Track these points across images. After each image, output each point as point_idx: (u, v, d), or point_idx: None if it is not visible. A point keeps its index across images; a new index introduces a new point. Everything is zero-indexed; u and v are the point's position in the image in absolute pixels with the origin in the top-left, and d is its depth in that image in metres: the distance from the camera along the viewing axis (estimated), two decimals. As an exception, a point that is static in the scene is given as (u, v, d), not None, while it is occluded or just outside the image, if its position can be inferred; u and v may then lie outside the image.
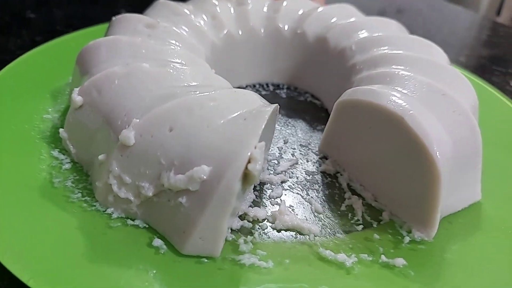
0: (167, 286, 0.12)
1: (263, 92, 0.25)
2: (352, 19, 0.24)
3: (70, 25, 0.33)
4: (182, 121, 0.14)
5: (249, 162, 0.13)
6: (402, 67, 0.19)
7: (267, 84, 0.26)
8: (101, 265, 0.13)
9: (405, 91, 0.17)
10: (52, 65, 0.23)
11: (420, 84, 0.17)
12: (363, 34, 0.23)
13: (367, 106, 0.16)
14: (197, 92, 0.15)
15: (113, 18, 0.21)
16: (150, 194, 0.14)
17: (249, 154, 0.13)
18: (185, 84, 0.16)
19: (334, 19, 0.25)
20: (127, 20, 0.21)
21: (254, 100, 0.16)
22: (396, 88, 0.17)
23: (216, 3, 0.24)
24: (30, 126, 0.19)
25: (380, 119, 0.16)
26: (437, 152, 0.14)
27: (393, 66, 0.19)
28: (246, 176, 0.13)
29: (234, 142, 0.13)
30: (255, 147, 0.13)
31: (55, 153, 0.17)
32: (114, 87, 0.15)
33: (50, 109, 0.20)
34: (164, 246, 0.13)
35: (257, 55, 0.25)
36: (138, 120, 0.14)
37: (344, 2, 0.26)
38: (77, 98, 0.16)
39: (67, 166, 0.17)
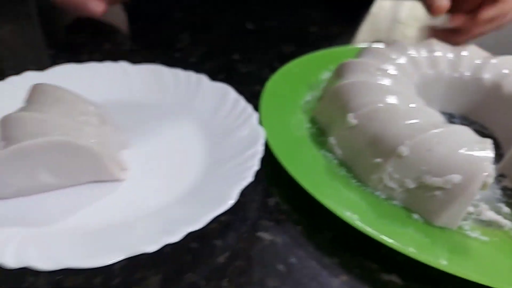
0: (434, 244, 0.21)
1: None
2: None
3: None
4: (435, 145, 0.22)
5: (488, 176, 0.21)
6: None
7: (443, 112, 0.34)
8: (385, 223, 0.21)
9: None
10: (301, 82, 0.33)
11: None
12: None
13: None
14: (439, 124, 0.23)
15: (342, 64, 0.30)
16: (411, 187, 0.22)
17: (487, 172, 0.21)
18: (426, 119, 0.24)
19: (507, 70, 0.31)
20: (359, 64, 0.30)
21: (471, 133, 0.24)
22: None
23: (413, 51, 0.32)
24: (301, 133, 0.28)
25: None
26: None
27: None
28: (484, 185, 0.21)
29: (479, 163, 0.21)
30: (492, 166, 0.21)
31: (323, 152, 0.27)
32: (381, 118, 0.24)
33: (305, 124, 0.30)
34: (421, 219, 0.22)
35: (440, 91, 0.33)
36: (408, 142, 0.22)
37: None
38: (353, 121, 0.25)
39: (335, 162, 0.26)
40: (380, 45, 0.32)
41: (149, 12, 0.50)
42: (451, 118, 0.33)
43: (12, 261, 0.17)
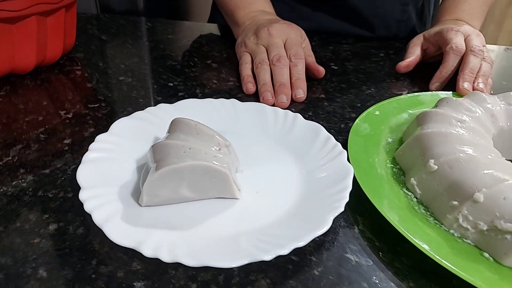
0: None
1: None
2: None
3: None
4: (510, 194, 0.25)
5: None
6: None
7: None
8: (457, 257, 0.25)
9: None
10: (383, 124, 0.37)
11: None
12: None
13: None
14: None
15: (424, 113, 0.34)
16: (484, 229, 0.25)
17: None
18: (505, 170, 0.27)
19: None
20: (439, 115, 0.33)
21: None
22: None
23: (491, 103, 0.35)
24: (384, 171, 0.32)
25: None
26: None
27: None
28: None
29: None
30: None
31: (404, 190, 0.30)
32: (462, 166, 0.27)
33: (388, 163, 0.34)
34: (491, 258, 0.25)
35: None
36: (485, 190, 0.25)
37: None
38: (434, 166, 0.28)
39: (415, 200, 0.30)
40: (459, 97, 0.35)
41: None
42: (526, 167, 0.35)
43: (167, 257, 0.23)
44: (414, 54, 0.52)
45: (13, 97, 0.42)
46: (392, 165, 0.33)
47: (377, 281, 0.25)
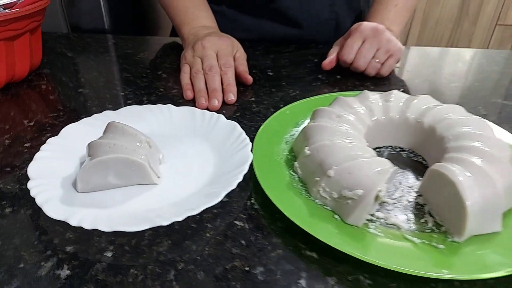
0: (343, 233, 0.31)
1: (393, 152, 0.43)
2: (456, 117, 0.40)
3: None
4: (354, 170, 0.32)
5: (380, 191, 0.31)
6: (475, 157, 0.34)
7: (395, 147, 0.43)
8: (315, 220, 0.32)
9: (467, 173, 0.32)
10: (291, 121, 0.45)
11: (478, 169, 0.32)
12: (459, 129, 0.38)
13: (442, 175, 0.32)
14: (364, 155, 0.33)
15: (315, 110, 0.41)
16: (335, 197, 0.33)
17: (379, 188, 0.30)
18: (358, 152, 0.34)
19: (444, 115, 0.40)
20: (325, 111, 0.41)
21: (387, 163, 0.33)
22: (463, 169, 0.32)
23: (372, 100, 0.42)
24: (279, 158, 0.40)
25: (448, 183, 0.32)
26: (469, 204, 0.30)
27: (469, 156, 0.34)
28: (377, 197, 0.31)
29: (375, 182, 0.31)
30: (384, 185, 0.31)
31: (290, 172, 0.38)
32: (325, 150, 0.35)
33: (284, 152, 0.41)
34: (339, 218, 0.32)
35: (392, 132, 0.42)
36: (335, 167, 0.33)
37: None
38: (307, 152, 0.36)
39: (297, 179, 0.37)
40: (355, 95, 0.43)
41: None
42: (401, 151, 0.43)
43: (88, 225, 0.30)
44: (335, 52, 0.60)
45: (-14, 110, 0.50)
46: (288, 153, 0.41)
47: (252, 239, 0.32)
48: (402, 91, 0.45)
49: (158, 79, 0.59)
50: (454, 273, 0.28)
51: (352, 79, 0.59)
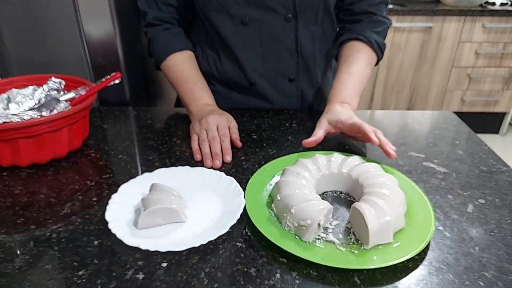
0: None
1: (334, 194, 0.65)
2: (373, 172, 0.62)
3: None
4: (305, 208, 0.55)
5: (320, 221, 0.53)
6: (379, 199, 0.56)
7: (335, 191, 0.66)
8: (283, 239, 0.54)
9: (372, 209, 0.54)
10: (271, 174, 0.67)
11: (378, 207, 0.55)
12: (373, 180, 0.61)
13: (358, 210, 0.55)
14: (313, 199, 0.56)
15: (284, 169, 0.64)
16: (296, 225, 0.55)
17: (320, 219, 0.53)
18: (309, 197, 0.57)
19: (365, 170, 0.63)
20: (290, 170, 0.63)
21: (326, 203, 0.56)
22: (369, 207, 0.55)
23: (320, 161, 0.65)
24: (262, 201, 0.62)
25: (360, 215, 0.54)
26: (371, 226, 0.52)
27: (375, 198, 0.57)
28: (319, 225, 0.53)
29: (317, 216, 0.53)
30: (323, 217, 0.53)
31: (269, 210, 0.60)
32: (289, 197, 0.57)
33: (265, 197, 0.63)
34: (298, 238, 0.54)
35: (333, 181, 0.65)
36: (295, 207, 0.55)
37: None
38: (279, 198, 0.58)
39: (273, 215, 0.59)
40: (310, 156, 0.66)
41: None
42: (340, 193, 0.65)
43: (151, 248, 0.51)
44: (317, 135, 0.74)
45: (57, 174, 0.71)
46: (267, 198, 0.63)
47: (247, 253, 0.53)
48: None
49: (174, 145, 0.81)
50: (362, 266, 0.50)
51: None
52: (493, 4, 2.79)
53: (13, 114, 0.65)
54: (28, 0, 0.92)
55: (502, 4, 2.79)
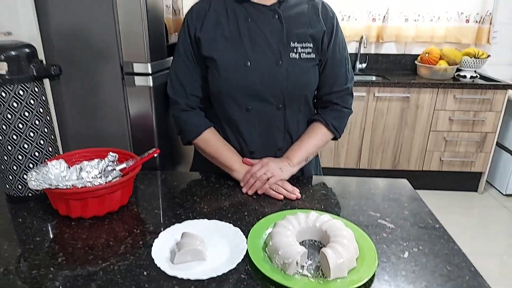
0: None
1: (310, 242, 0.90)
2: (338, 226, 0.88)
3: None
4: (288, 250, 0.80)
5: (298, 260, 0.78)
6: (338, 245, 0.82)
7: (311, 240, 0.91)
8: (273, 272, 0.78)
9: (333, 253, 0.79)
10: (266, 225, 0.92)
11: (337, 251, 0.80)
12: (336, 232, 0.86)
13: (323, 253, 0.80)
14: (294, 245, 0.81)
15: (275, 223, 0.90)
16: (281, 263, 0.80)
17: (298, 258, 0.78)
18: (292, 244, 0.82)
19: (331, 224, 0.89)
20: (279, 224, 0.89)
21: (303, 248, 0.81)
22: (332, 252, 0.80)
23: (300, 218, 0.91)
24: (259, 246, 0.87)
25: (324, 257, 0.79)
26: (332, 265, 0.77)
27: (336, 245, 0.82)
28: (297, 263, 0.78)
29: (295, 256, 0.78)
30: (300, 257, 0.78)
31: (264, 252, 0.85)
32: (277, 243, 0.82)
33: (262, 243, 0.88)
34: (283, 272, 0.79)
35: (310, 232, 0.90)
36: (281, 250, 0.81)
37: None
38: (270, 244, 0.83)
39: (267, 256, 0.84)
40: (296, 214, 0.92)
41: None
42: (315, 241, 0.91)
43: (185, 277, 0.76)
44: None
45: (111, 224, 0.97)
46: (263, 244, 0.88)
47: (249, 282, 0.78)
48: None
49: (195, 202, 1.07)
50: (323, 290, 0.74)
51: (297, 201, 1.09)
52: (464, 77, 3.18)
53: (87, 181, 0.92)
54: (85, 86, 1.23)
55: (472, 77, 3.17)
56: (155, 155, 1.06)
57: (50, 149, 1.05)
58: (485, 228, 2.74)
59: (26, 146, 1.00)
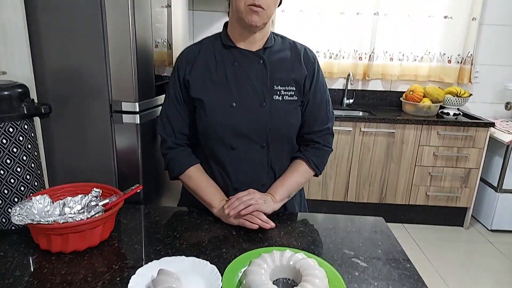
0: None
1: (284, 280, 0.92)
2: (311, 265, 0.91)
3: None
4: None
5: (268, 299, 0.80)
6: (309, 284, 0.84)
7: (285, 278, 0.93)
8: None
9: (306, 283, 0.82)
10: (243, 263, 0.95)
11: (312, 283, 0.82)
12: (309, 271, 0.89)
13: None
14: (267, 283, 0.83)
15: (251, 261, 0.92)
16: None
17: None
18: (264, 282, 0.84)
19: (304, 263, 0.91)
20: (254, 263, 0.91)
21: (275, 287, 0.83)
22: (302, 287, 0.83)
23: (275, 256, 0.94)
24: (234, 283, 0.89)
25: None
26: (300, 302, 0.79)
27: (307, 284, 0.84)
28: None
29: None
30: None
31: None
32: (251, 282, 0.85)
33: (237, 281, 0.90)
34: (254, 310, 0.81)
35: (284, 270, 0.93)
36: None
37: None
38: (244, 282, 0.86)
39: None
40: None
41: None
42: (288, 280, 0.93)
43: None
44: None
45: (91, 259, 0.98)
46: (238, 282, 0.90)
47: (221, 320, 0.80)
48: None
49: (175, 238, 1.09)
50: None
51: (276, 238, 1.12)
52: (448, 114, 3.28)
53: (69, 217, 0.95)
54: (75, 123, 1.27)
55: (455, 114, 3.27)
56: (138, 190, 1.09)
57: (36, 183, 1.08)
58: (471, 264, 2.75)
59: (12, 180, 1.03)
